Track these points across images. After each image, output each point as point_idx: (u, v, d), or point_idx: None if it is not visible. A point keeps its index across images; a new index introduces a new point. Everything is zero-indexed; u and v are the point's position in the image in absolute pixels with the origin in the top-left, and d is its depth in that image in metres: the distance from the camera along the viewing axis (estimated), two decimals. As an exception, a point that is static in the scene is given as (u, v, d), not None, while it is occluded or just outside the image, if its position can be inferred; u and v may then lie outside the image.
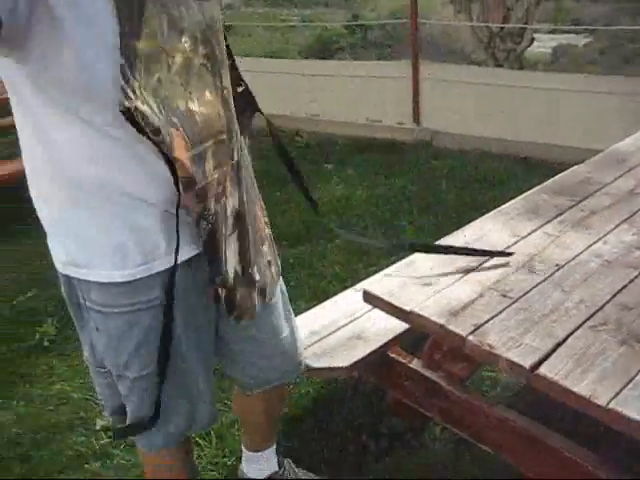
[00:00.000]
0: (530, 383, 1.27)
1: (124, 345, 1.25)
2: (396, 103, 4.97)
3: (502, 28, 6.53)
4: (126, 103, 1.02)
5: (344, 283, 2.70)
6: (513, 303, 1.45)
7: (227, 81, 1.25)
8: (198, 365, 1.36)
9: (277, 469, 1.91)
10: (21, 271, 3.48)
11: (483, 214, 1.92)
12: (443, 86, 4.82)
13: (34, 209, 1.26)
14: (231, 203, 1.25)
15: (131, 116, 1.02)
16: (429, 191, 3.93)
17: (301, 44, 12.38)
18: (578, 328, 1.35)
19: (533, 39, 6.90)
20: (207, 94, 1.17)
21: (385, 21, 7.53)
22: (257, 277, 1.36)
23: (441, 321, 1.40)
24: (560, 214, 1.85)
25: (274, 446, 1.89)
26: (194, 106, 1.13)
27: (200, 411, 1.43)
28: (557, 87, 4.43)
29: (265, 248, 1.42)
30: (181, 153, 1.10)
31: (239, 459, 2.04)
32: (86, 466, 2.13)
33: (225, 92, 1.22)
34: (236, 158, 1.26)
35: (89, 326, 1.28)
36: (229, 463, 2.07)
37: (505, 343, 1.32)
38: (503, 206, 1.94)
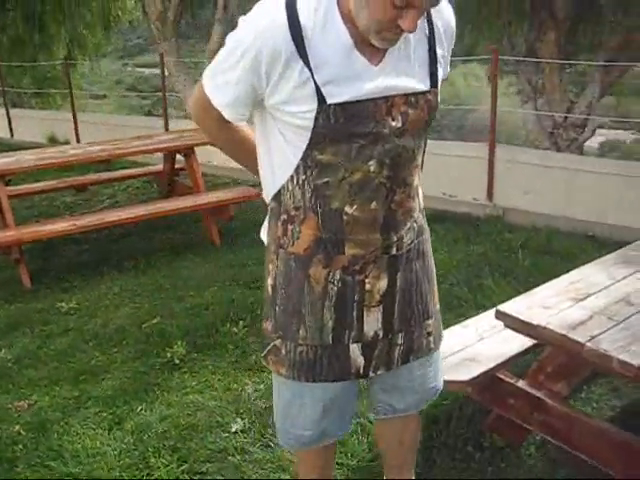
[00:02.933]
0: (638, 379, 1.65)
1: None
2: (471, 181, 5.45)
3: (566, 119, 7.05)
4: (288, 185, 1.49)
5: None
6: (618, 324, 1.85)
7: (403, 195, 1.52)
8: None
9: None
10: (143, 302, 3.98)
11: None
12: (515, 167, 5.30)
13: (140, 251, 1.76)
14: (378, 284, 1.55)
15: (279, 192, 1.51)
16: (506, 259, 4.34)
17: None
18: (673, 343, 1.74)
19: (594, 130, 7.38)
20: (374, 204, 1.48)
21: (465, 107, 8.09)
22: (400, 341, 1.65)
23: (563, 332, 1.80)
24: (649, 265, 2.26)
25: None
26: (349, 209, 1.46)
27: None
28: (619, 172, 4.88)
29: (429, 322, 1.71)
30: (307, 229, 1.49)
31: (362, 460, 2.43)
32: (229, 458, 2.51)
33: (393, 205, 1.50)
34: (393, 252, 1.55)
35: None
36: (352, 464, 2.44)
37: (616, 349, 1.72)
38: (600, 258, 2.35)
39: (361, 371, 1.64)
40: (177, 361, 3.23)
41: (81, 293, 4.17)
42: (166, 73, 8.21)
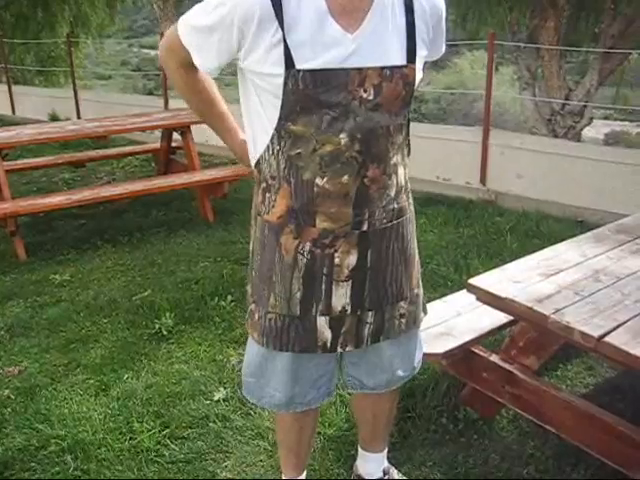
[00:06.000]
0: (597, 349, 1.71)
1: None
2: (465, 165, 5.49)
3: (563, 106, 7.06)
4: (265, 155, 1.53)
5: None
6: (584, 299, 1.91)
7: (377, 171, 1.52)
8: None
9: (382, 476, 2.14)
10: (135, 276, 4.05)
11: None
12: (509, 152, 5.33)
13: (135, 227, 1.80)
14: (347, 259, 1.57)
15: (259, 161, 1.56)
16: (495, 242, 4.40)
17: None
18: (634, 317, 1.80)
19: (592, 119, 7.39)
20: (345, 178, 1.49)
21: (462, 91, 8.10)
22: (370, 320, 1.66)
23: (529, 304, 1.86)
24: (620, 245, 2.31)
25: (383, 452, 2.15)
26: (320, 181, 1.49)
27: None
28: (613, 160, 4.91)
29: (403, 304, 1.71)
30: (281, 198, 1.54)
31: (338, 429, 2.49)
32: (210, 425, 2.58)
33: (366, 180, 1.51)
34: (364, 229, 1.56)
35: None
36: (329, 432, 2.50)
37: (578, 321, 1.77)
38: (576, 237, 2.41)
39: (328, 345, 1.66)
40: (165, 332, 3.29)
41: (75, 266, 4.24)
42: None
